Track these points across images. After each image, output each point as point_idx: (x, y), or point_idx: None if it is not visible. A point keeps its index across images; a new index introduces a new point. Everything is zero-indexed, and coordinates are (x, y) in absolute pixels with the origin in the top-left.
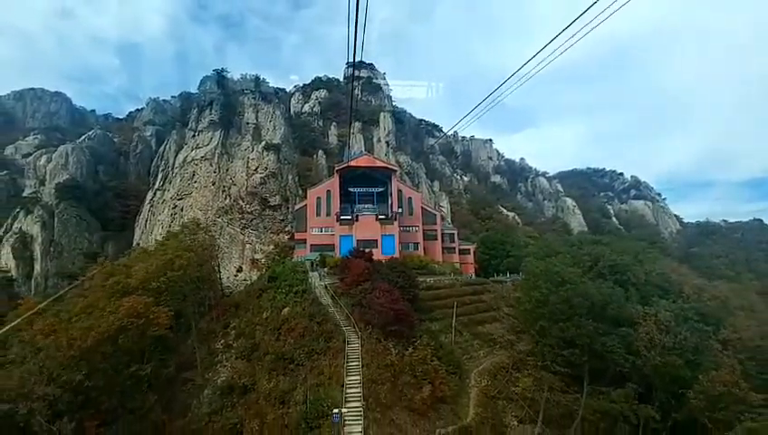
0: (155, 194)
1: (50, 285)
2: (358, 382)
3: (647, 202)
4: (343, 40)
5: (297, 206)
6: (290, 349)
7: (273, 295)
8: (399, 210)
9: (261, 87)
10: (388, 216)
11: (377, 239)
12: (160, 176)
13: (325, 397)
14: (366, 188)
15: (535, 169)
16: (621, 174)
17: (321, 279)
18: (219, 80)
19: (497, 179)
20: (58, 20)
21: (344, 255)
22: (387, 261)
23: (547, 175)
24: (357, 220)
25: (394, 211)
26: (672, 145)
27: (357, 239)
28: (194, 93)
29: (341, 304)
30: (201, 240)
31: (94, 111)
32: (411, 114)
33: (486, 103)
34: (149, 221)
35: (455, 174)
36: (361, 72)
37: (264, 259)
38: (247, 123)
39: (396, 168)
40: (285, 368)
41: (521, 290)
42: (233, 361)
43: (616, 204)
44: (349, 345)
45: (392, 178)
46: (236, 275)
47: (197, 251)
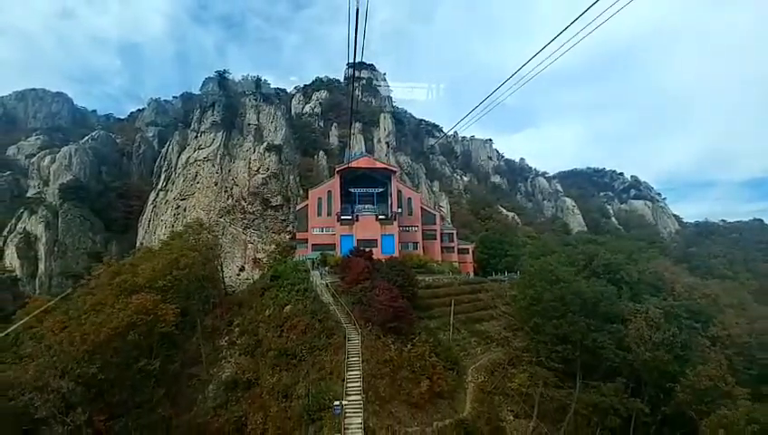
0: (158, 194)
1: (54, 285)
2: (358, 377)
3: (646, 202)
4: (344, 40)
5: (298, 206)
6: (292, 345)
7: (275, 294)
8: (399, 210)
9: (262, 88)
10: (387, 216)
11: (377, 239)
12: (163, 176)
13: (326, 390)
14: (366, 189)
15: (535, 170)
16: (621, 174)
17: (322, 278)
18: (221, 81)
19: (497, 179)
20: (59, 20)
21: (345, 254)
22: (386, 260)
23: (547, 175)
24: (357, 220)
25: (394, 211)
26: (672, 145)
27: (357, 239)
28: (195, 94)
29: (342, 302)
30: (205, 240)
31: (95, 112)
32: (411, 114)
33: (486, 104)
34: (153, 221)
35: (454, 174)
36: (362, 73)
37: (266, 259)
38: (249, 124)
39: (395, 169)
40: (288, 363)
41: (517, 288)
42: (237, 357)
43: (616, 204)
44: (349, 342)
45: (392, 178)
46: (239, 275)
47: (202, 250)
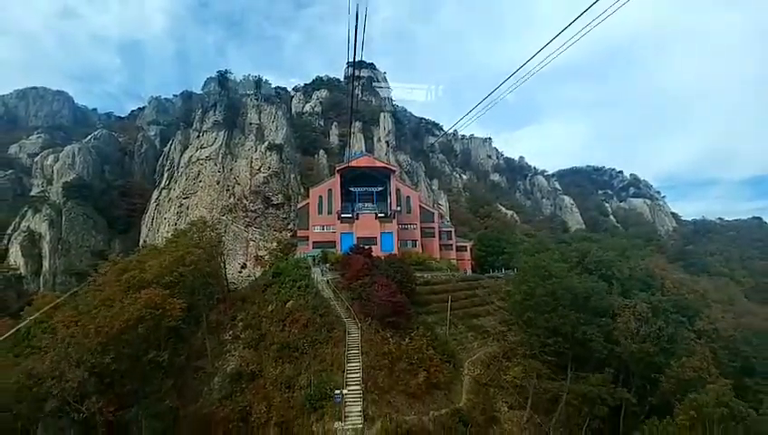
0: (161, 193)
1: (58, 282)
2: (357, 368)
3: (645, 200)
4: (344, 39)
5: (299, 204)
6: (294, 339)
7: (277, 290)
8: (398, 209)
9: (263, 88)
10: (387, 214)
11: (376, 237)
12: (166, 175)
13: (327, 381)
14: (366, 188)
15: (534, 168)
16: (621, 172)
17: (322, 274)
18: (222, 81)
19: (496, 178)
20: (60, 19)
21: (345, 251)
22: (386, 257)
23: (546, 173)
24: (357, 218)
25: (393, 210)
26: (673, 143)
27: (357, 237)
28: (195, 92)
29: (342, 298)
30: (209, 238)
31: (96, 110)
32: (411, 113)
33: (487, 102)
34: (156, 219)
35: (454, 172)
36: (362, 72)
37: (268, 256)
38: (250, 124)
39: (395, 168)
40: (290, 356)
41: (511, 284)
42: (241, 350)
43: (615, 202)
44: (349, 335)
45: (391, 177)
46: (240, 272)
47: (206, 248)
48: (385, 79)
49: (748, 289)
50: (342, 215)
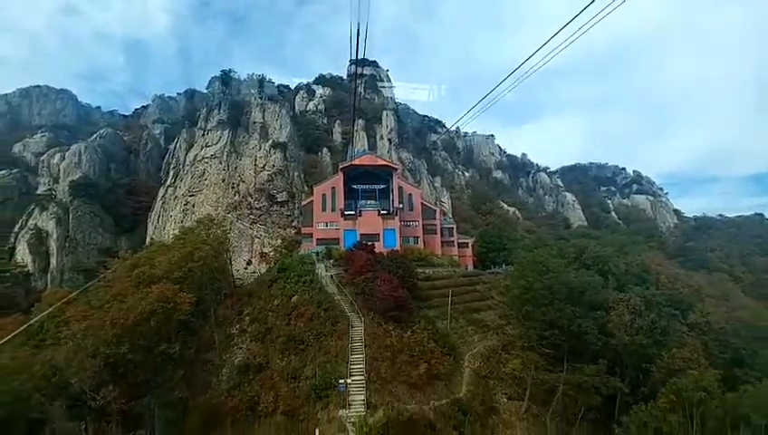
0: (167, 191)
1: (65, 279)
2: (361, 360)
3: (648, 197)
4: (347, 36)
5: (303, 202)
6: (299, 332)
7: (282, 285)
8: (400, 206)
9: (266, 87)
10: (389, 211)
11: (379, 233)
12: (171, 173)
13: (332, 372)
14: (368, 185)
15: (537, 165)
16: (624, 169)
17: (326, 270)
18: (226, 80)
19: (499, 175)
20: (62, 17)
21: (348, 248)
22: (388, 254)
23: (548, 170)
24: (360, 215)
25: (395, 207)
26: (676, 140)
27: (360, 233)
28: (199, 90)
29: (346, 293)
30: (215, 234)
31: (100, 108)
32: (414, 110)
33: (489, 99)
34: (162, 217)
35: (456, 170)
36: (365, 70)
37: (273, 253)
38: (254, 122)
39: (397, 166)
40: (296, 348)
41: (510, 279)
42: (248, 343)
43: (617, 199)
44: (353, 329)
45: (393, 175)
46: (246, 268)
47: (213, 244)
48: (387, 77)
49: (747, 285)
50: (346, 212)
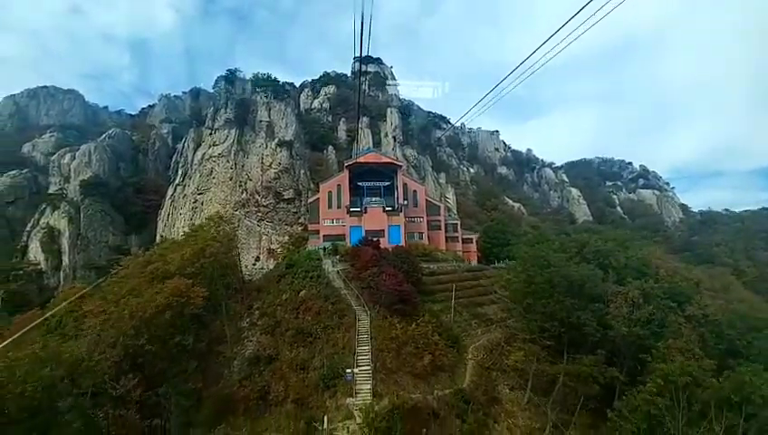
0: (175, 189)
1: (78, 277)
2: (367, 351)
3: (654, 192)
4: (351, 32)
5: (310, 199)
6: (308, 325)
7: (291, 280)
8: (405, 202)
9: (272, 86)
10: (394, 208)
11: (384, 229)
12: (180, 172)
13: (339, 362)
14: (373, 182)
15: (542, 160)
16: (630, 164)
17: (333, 266)
18: (232, 79)
19: (504, 171)
20: (67, 17)
21: (354, 244)
22: (393, 249)
23: (553, 166)
24: (365, 212)
25: (400, 203)
26: (683, 134)
27: (366, 229)
28: (204, 89)
29: (352, 287)
30: (225, 232)
31: (107, 108)
32: (419, 106)
33: (494, 94)
34: (171, 215)
35: (461, 166)
36: (369, 68)
37: (280, 249)
38: (260, 121)
39: (401, 163)
40: (304, 341)
41: (512, 273)
42: (258, 336)
43: (623, 193)
44: (359, 322)
45: (398, 172)
46: (254, 264)
47: (223, 241)
48: (392, 74)
49: (752, 279)
50: (351, 209)
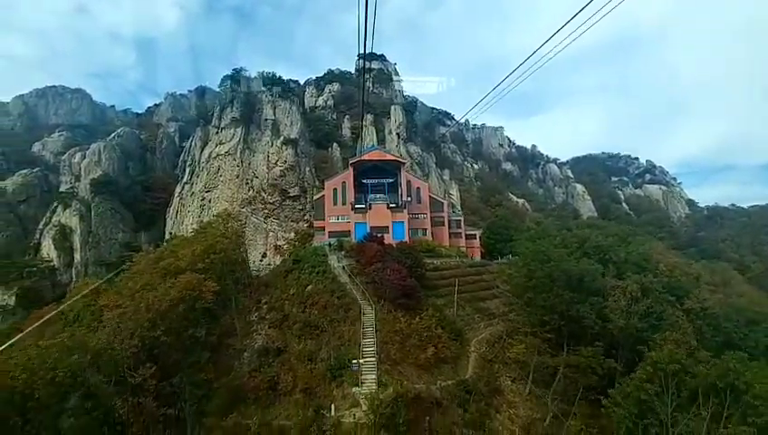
0: (183, 187)
1: (90, 273)
2: (372, 343)
3: (661, 187)
4: (354, 28)
5: (315, 196)
6: (314, 318)
7: (297, 275)
8: (408, 199)
9: (277, 84)
10: (398, 204)
11: (388, 226)
12: (188, 170)
13: (345, 354)
14: (378, 179)
15: (546, 156)
16: (636, 159)
17: (339, 261)
18: (238, 78)
19: (508, 167)
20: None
21: (359, 240)
22: (397, 245)
23: (558, 161)
24: (370, 209)
25: (403, 200)
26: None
27: (370, 226)
28: (210, 87)
29: (357, 282)
30: (233, 228)
31: (114, 107)
32: (423, 103)
33: (498, 91)
34: (180, 213)
35: (465, 162)
36: (372, 65)
37: (286, 245)
38: (266, 119)
39: (404, 161)
40: (311, 333)
41: (513, 268)
42: (266, 329)
43: (630, 189)
44: (364, 315)
45: (401, 169)
46: (261, 261)
47: (232, 238)
48: (396, 71)
49: (757, 274)
50: (356, 206)
